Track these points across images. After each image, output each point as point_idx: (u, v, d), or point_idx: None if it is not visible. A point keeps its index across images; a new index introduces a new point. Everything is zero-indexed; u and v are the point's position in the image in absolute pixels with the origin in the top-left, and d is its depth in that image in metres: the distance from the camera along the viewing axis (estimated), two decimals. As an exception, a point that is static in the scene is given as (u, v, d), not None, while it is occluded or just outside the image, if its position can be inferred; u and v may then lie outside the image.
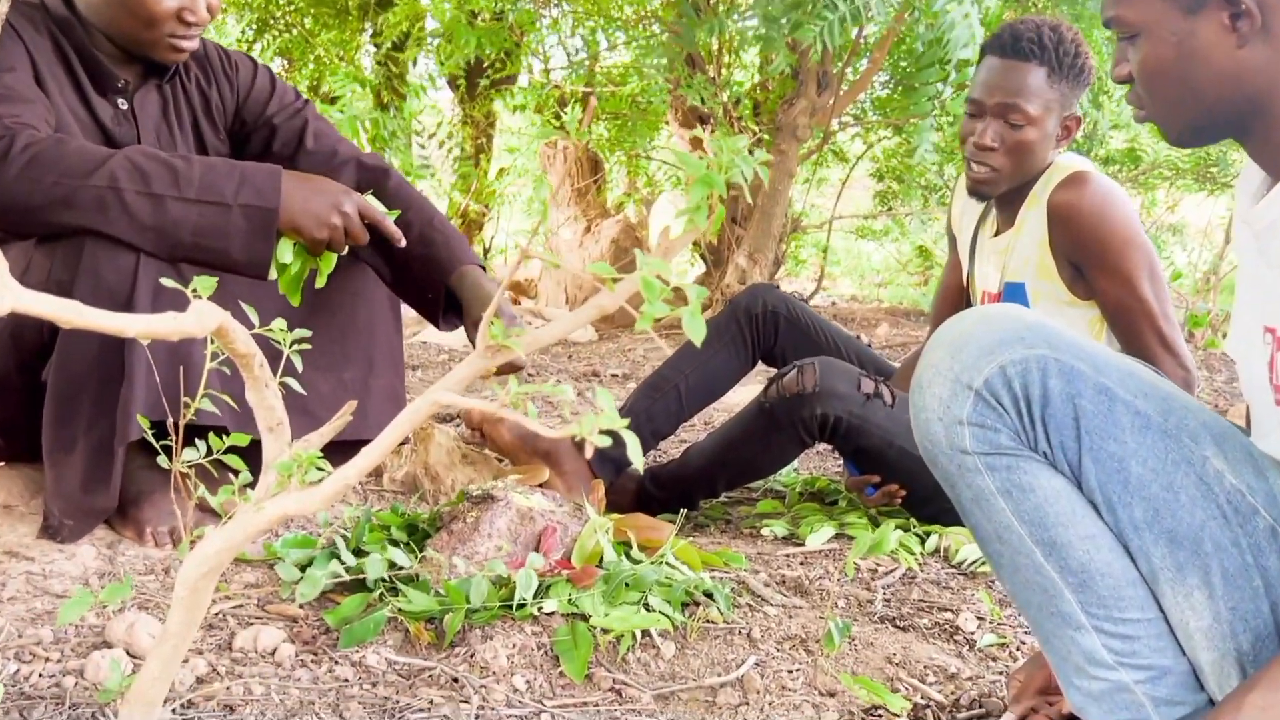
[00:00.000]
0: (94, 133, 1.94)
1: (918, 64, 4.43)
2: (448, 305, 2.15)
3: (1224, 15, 1.08)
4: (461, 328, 2.16)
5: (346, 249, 1.86)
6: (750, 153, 0.89)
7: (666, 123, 6.39)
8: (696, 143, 5.67)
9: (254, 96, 2.16)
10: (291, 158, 2.15)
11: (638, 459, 0.81)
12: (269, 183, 1.77)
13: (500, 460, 2.52)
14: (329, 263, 1.86)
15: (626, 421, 0.81)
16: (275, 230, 1.76)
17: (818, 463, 3.02)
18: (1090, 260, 2.05)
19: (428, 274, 2.11)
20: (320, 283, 1.85)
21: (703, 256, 6.12)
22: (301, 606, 1.64)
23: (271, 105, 2.16)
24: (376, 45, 6.51)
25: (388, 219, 1.91)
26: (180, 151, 2.04)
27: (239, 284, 1.86)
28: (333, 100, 5.12)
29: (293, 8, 6.50)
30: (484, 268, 2.15)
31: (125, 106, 1.97)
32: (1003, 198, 2.20)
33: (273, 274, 1.79)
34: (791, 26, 3.98)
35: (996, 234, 2.25)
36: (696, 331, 0.82)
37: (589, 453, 0.79)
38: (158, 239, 1.74)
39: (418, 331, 5.19)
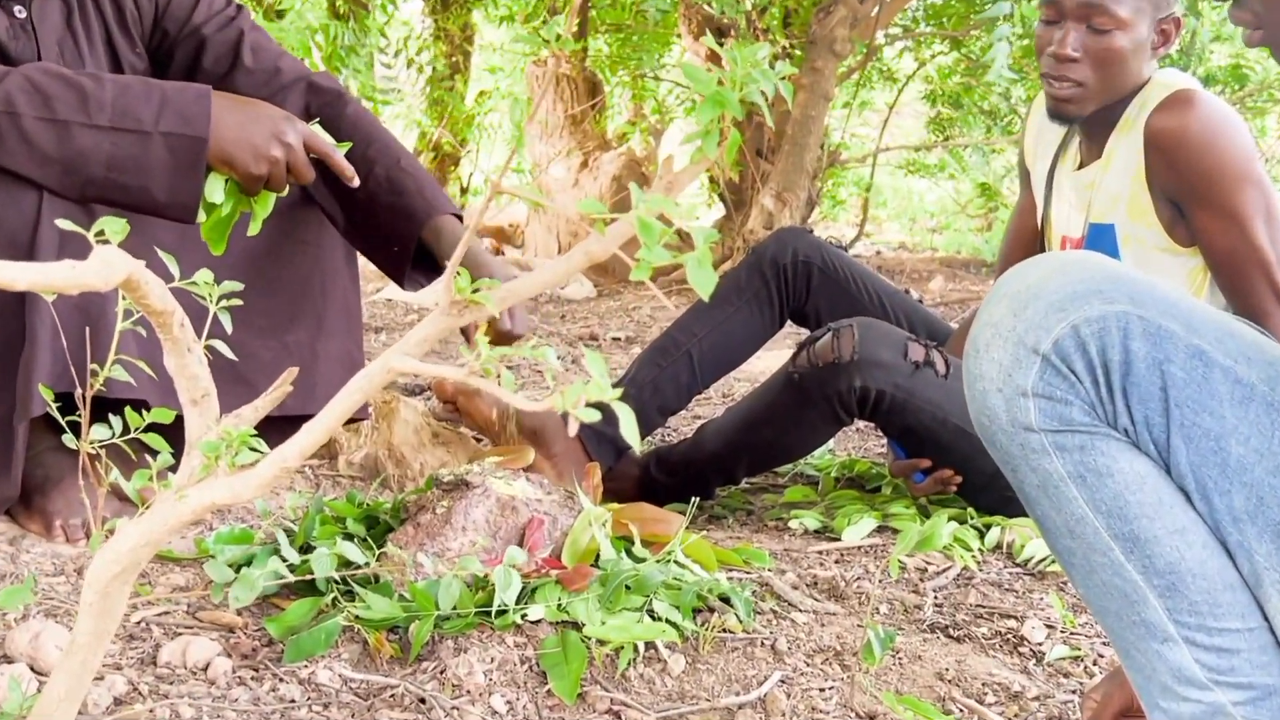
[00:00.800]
0: None
1: None
2: (416, 261, 2.14)
3: None
4: (432, 287, 2.15)
5: (288, 188, 1.85)
6: (772, 65, 0.87)
7: (678, 36, 6.36)
8: (714, 58, 5.63)
9: (176, 1, 2.14)
10: (224, 77, 2.13)
11: (634, 438, 0.80)
12: (196, 106, 1.76)
13: (478, 440, 2.52)
14: (265, 205, 1.84)
15: (619, 392, 0.80)
16: (204, 163, 1.75)
17: (857, 442, 3.01)
18: (1195, 198, 2.03)
19: (395, 224, 2.10)
20: (254, 229, 1.83)
21: (721, 196, 6.10)
22: (239, 613, 1.64)
23: (199, 12, 2.14)
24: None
25: (338, 152, 1.90)
26: (89, 65, 2.02)
27: (162, 229, 1.85)
28: (279, 14, 5.08)
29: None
30: (461, 218, 2.14)
31: (23, 15, 1.96)
32: (1088, 122, 2.16)
33: (201, 217, 1.78)
34: None
35: (1080, 167, 2.23)
36: (704, 283, 0.80)
37: (573, 428, 0.78)
38: (63, 174, 1.72)
39: (381, 288, 5.18)
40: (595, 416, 0.78)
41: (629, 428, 0.78)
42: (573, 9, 4.97)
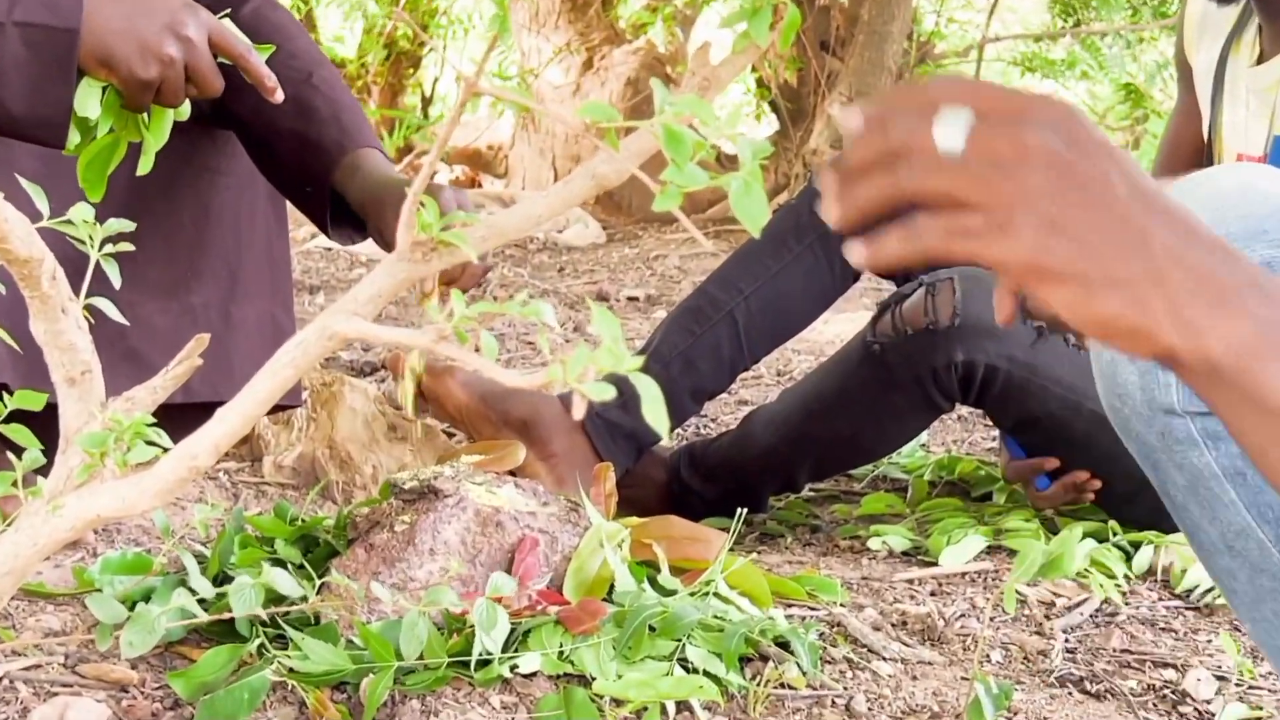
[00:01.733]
0: None
1: None
2: (338, 206, 2.14)
3: None
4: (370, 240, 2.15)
5: (188, 103, 1.84)
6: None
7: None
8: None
9: None
10: None
11: (662, 424, 0.80)
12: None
13: (450, 434, 2.52)
14: (159, 131, 1.83)
15: (640, 361, 0.80)
16: (73, 63, 1.74)
17: (958, 433, 3.01)
18: None
19: (304, 159, 2.10)
20: (145, 165, 1.82)
21: (774, 105, 6.11)
22: (134, 666, 1.65)
23: None
24: None
25: (254, 54, 1.88)
26: None
27: (22, 153, 1.85)
28: None
29: None
30: (386, 154, 2.14)
31: None
32: (1267, 4, 2.17)
33: (74, 139, 1.78)
34: None
35: (1258, 62, 2.23)
36: (754, 215, 0.81)
37: (579, 412, 0.79)
38: None
39: (313, 234, 5.20)
40: (609, 394, 0.78)
41: (654, 411, 0.78)
42: None
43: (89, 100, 1.76)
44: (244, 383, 2.13)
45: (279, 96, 1.90)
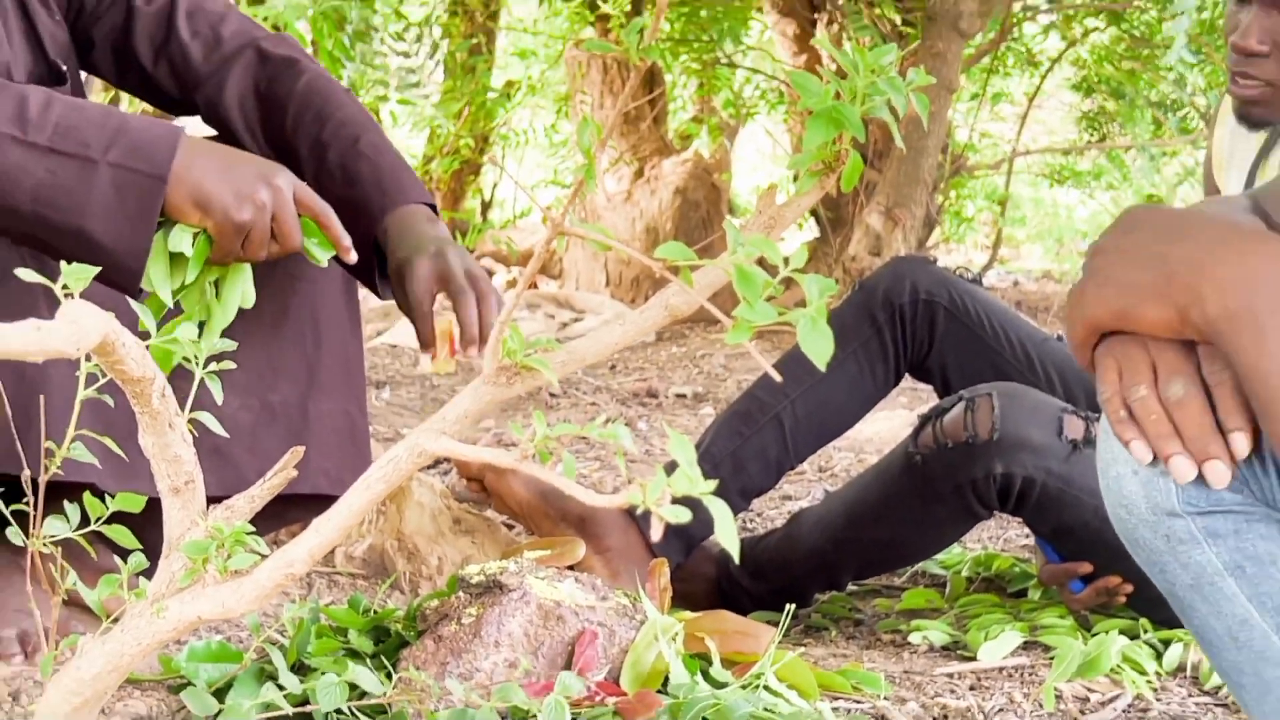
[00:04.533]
0: None
1: None
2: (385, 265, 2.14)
3: None
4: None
5: (253, 291, 1.86)
6: (902, 74, 0.89)
7: (759, 11, 6.41)
8: (803, 44, 5.67)
9: None
10: (159, 52, 2.17)
11: (731, 541, 0.81)
12: (161, 139, 1.77)
13: (511, 528, 2.53)
14: (235, 282, 1.85)
15: (714, 484, 0.81)
16: (157, 208, 1.75)
17: (994, 530, 3.00)
18: None
19: (351, 224, 2.10)
20: (221, 312, 1.84)
21: (813, 213, 6.12)
22: (219, 752, 1.66)
23: None
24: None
25: (333, 216, 1.90)
26: (2, 45, 2.06)
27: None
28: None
29: None
30: (435, 207, 2.13)
31: None
32: (1289, 127, 2.19)
33: (159, 284, 1.78)
34: None
35: (1285, 183, 2.24)
36: (820, 349, 0.82)
37: (657, 534, 0.80)
38: None
39: (382, 330, 5.24)
40: (686, 517, 0.79)
41: (727, 535, 0.79)
42: (658, 9, 5.05)
43: (183, 239, 1.78)
44: (319, 476, 2.15)
45: (353, 257, 1.92)
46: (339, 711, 1.69)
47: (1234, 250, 1.11)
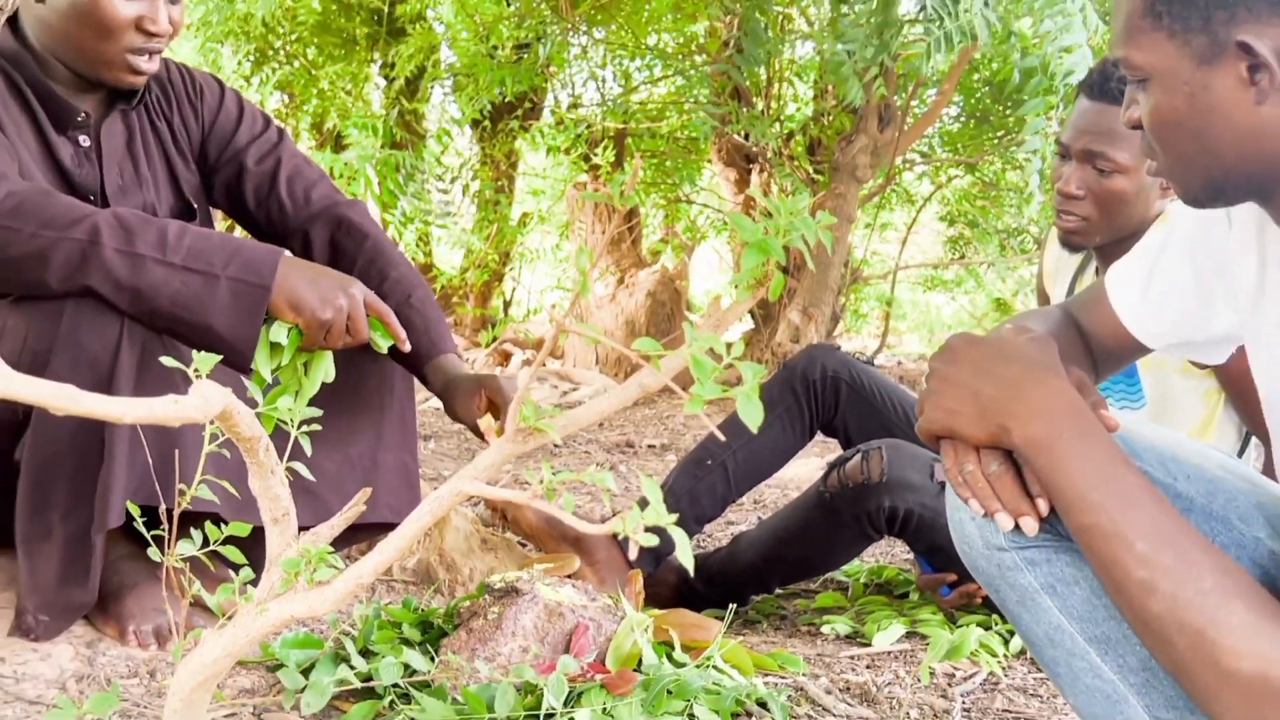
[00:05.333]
0: (53, 175, 1.96)
1: (1018, 93, 4.48)
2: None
3: (1241, 67, 1.07)
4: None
5: (333, 366, 1.88)
6: (813, 214, 0.90)
7: (709, 162, 6.45)
8: (741, 186, 5.71)
9: (220, 125, 2.18)
10: (263, 202, 2.20)
11: (688, 560, 0.82)
12: (266, 260, 1.79)
13: (524, 546, 2.52)
14: (320, 364, 1.87)
15: (675, 517, 0.82)
16: (263, 309, 1.78)
17: (884, 548, 3.00)
18: None
19: (404, 358, 2.13)
20: (309, 386, 1.86)
21: (751, 313, 6.14)
22: (304, 717, 1.65)
23: (240, 135, 2.18)
24: (387, 79, 6.61)
25: (393, 316, 1.92)
26: (149, 188, 2.08)
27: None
28: (341, 146, 5.19)
29: (294, 37, 6.61)
30: (459, 355, 2.19)
31: (87, 143, 2.00)
32: (1104, 250, 2.19)
33: (262, 365, 1.80)
34: (876, 50, 4.06)
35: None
36: (753, 416, 0.83)
37: (634, 553, 0.80)
38: (133, 300, 1.76)
39: (429, 397, 5.22)
40: (654, 541, 0.80)
41: (684, 552, 0.80)
42: (632, 174, 5.11)
43: (281, 332, 1.80)
44: (387, 510, 2.14)
45: (408, 347, 1.94)
46: (395, 685, 1.68)
47: (1029, 389, 1.14)
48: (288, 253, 1.82)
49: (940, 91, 5.41)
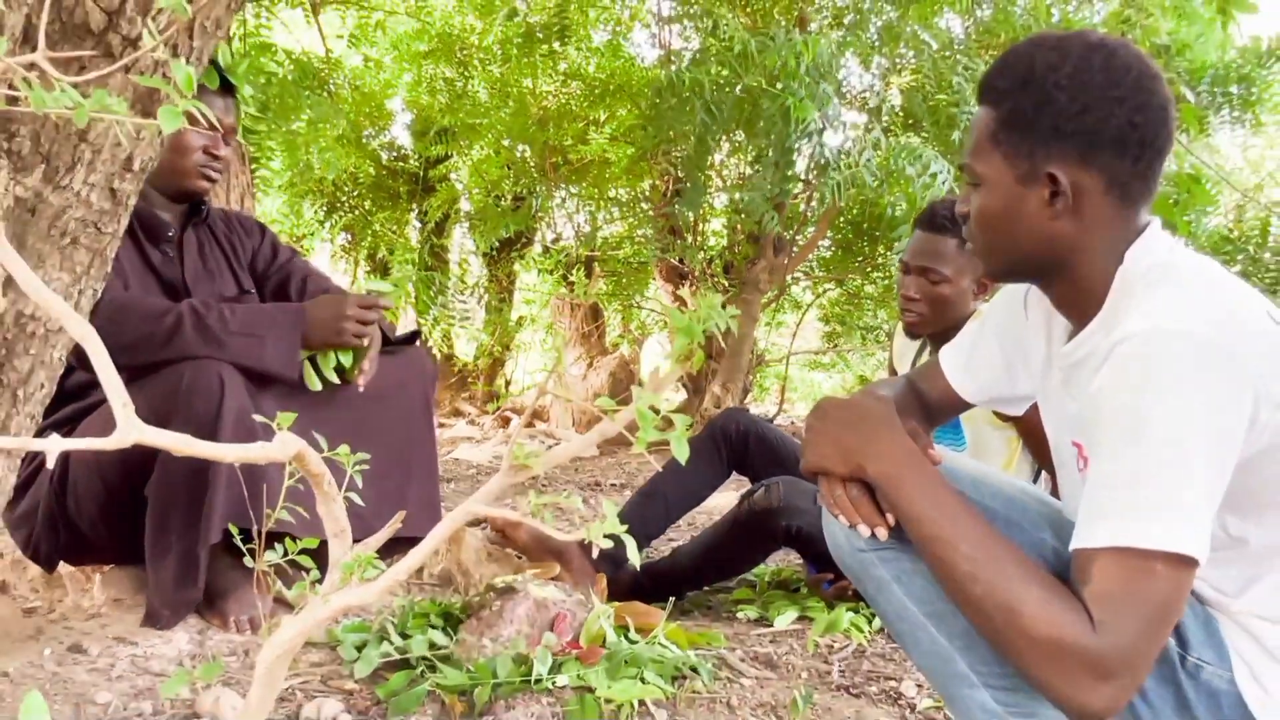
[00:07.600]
0: (148, 275, 2.03)
1: (893, 223, 4.59)
2: None
3: (1046, 192, 1.11)
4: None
5: (366, 340, 1.98)
6: (723, 307, 0.92)
7: (654, 278, 6.52)
8: (677, 296, 5.76)
9: (261, 254, 2.26)
10: (282, 289, 2.28)
11: (635, 558, 0.82)
12: (294, 321, 1.92)
13: (519, 558, 2.50)
14: (356, 357, 1.99)
15: (625, 527, 0.82)
16: (298, 351, 1.91)
17: (782, 556, 2.99)
18: None
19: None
20: (351, 371, 1.97)
21: (685, 386, 6.16)
22: (357, 682, 1.62)
23: (261, 259, 2.27)
24: (422, 222, 6.67)
25: (378, 299, 2.03)
26: (217, 281, 2.12)
27: (308, 412, 1.88)
28: (388, 270, 5.20)
29: (355, 193, 6.73)
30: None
31: (171, 253, 2.06)
32: (935, 338, 2.24)
33: (313, 379, 1.94)
34: (776, 197, 4.20)
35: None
36: (682, 452, 0.83)
37: (595, 552, 0.80)
38: (208, 355, 1.86)
39: (450, 450, 5.17)
40: (610, 544, 0.80)
41: (632, 553, 0.80)
42: (593, 276, 5.18)
43: (326, 361, 1.94)
44: (414, 529, 2.14)
45: (392, 306, 2.11)
46: (424, 658, 1.66)
47: (877, 438, 1.17)
48: (303, 309, 1.95)
49: (817, 228, 5.50)
